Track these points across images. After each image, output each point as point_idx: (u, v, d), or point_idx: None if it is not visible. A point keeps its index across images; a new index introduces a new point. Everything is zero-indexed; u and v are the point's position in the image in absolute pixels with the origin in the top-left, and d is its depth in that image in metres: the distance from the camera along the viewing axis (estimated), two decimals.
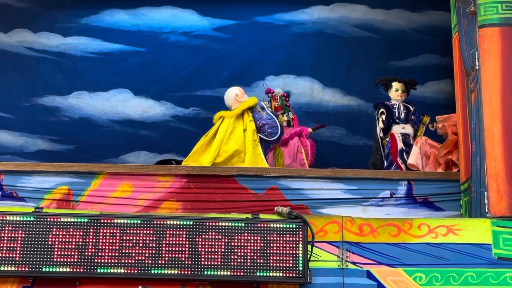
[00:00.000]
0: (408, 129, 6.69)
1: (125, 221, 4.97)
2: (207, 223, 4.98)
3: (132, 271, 4.88)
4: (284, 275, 4.89)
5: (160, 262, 4.90)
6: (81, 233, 4.92)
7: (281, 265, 4.90)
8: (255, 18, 8.22)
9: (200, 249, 4.92)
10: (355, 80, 7.96)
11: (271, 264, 4.90)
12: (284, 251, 4.92)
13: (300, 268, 4.89)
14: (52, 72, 8.19)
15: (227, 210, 5.48)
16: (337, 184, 5.81)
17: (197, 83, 8.10)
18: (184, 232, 4.95)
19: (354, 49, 8.06)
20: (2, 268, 4.84)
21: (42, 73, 8.18)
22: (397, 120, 6.72)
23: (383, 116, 6.70)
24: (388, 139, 6.68)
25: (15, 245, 4.87)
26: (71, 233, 4.92)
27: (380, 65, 7.99)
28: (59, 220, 4.96)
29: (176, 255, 4.91)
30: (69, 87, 8.05)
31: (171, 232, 4.95)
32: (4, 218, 4.94)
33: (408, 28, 8.09)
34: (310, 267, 4.90)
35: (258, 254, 4.92)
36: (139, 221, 4.98)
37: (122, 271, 4.89)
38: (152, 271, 4.90)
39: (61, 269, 4.87)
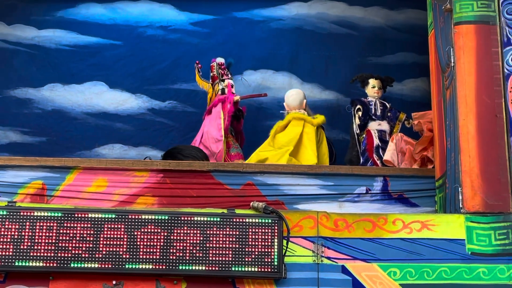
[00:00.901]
0: (384, 125, 6.73)
1: (100, 216, 4.93)
2: (183, 218, 4.96)
3: (106, 266, 4.85)
4: (259, 270, 4.89)
5: (134, 257, 4.87)
6: (54, 228, 4.88)
7: (256, 260, 4.90)
8: (233, 14, 8.20)
9: (175, 244, 4.90)
10: (333, 75, 7.98)
11: (246, 259, 4.90)
12: (260, 246, 4.92)
13: (275, 263, 4.90)
14: (26, 64, 8.10)
15: (203, 206, 5.46)
16: (313, 180, 5.81)
17: (174, 77, 8.07)
18: (159, 227, 4.93)
19: (333, 45, 8.07)
20: None
21: (16, 66, 8.08)
22: (373, 117, 6.75)
23: (360, 113, 6.73)
24: (364, 135, 6.71)
25: None
26: (44, 227, 4.87)
27: (358, 61, 8.02)
28: (32, 214, 4.91)
29: (151, 250, 4.88)
30: (43, 80, 7.96)
31: (146, 227, 4.92)
32: None
33: (386, 26, 8.12)
34: (285, 262, 4.91)
35: (234, 249, 4.91)
36: (113, 216, 4.94)
37: (96, 265, 4.85)
38: (127, 266, 4.87)
39: (34, 264, 4.83)
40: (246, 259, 4.90)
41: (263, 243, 4.93)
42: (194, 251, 4.90)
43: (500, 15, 5.27)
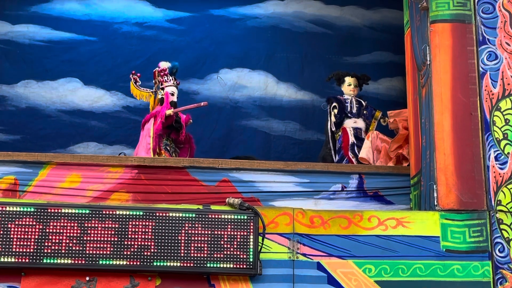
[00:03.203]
0: (360, 123, 6.75)
1: (73, 211, 4.87)
2: (158, 214, 4.92)
3: (79, 262, 4.79)
4: (235, 266, 4.87)
5: (108, 252, 4.81)
6: (27, 223, 4.80)
7: (231, 256, 4.87)
8: (209, 11, 8.18)
9: (150, 240, 4.85)
10: (309, 75, 8.01)
11: (222, 256, 4.87)
12: (235, 243, 4.90)
13: (251, 260, 4.88)
14: None
15: (178, 202, 5.41)
16: (289, 177, 5.81)
17: (149, 74, 7.95)
18: (134, 223, 4.88)
19: (309, 44, 8.09)
20: None
21: None
22: (349, 115, 6.76)
23: (336, 110, 6.74)
24: (340, 133, 6.72)
25: None
26: (16, 222, 4.79)
27: (334, 60, 8.05)
28: (4, 209, 4.82)
29: (125, 246, 4.83)
30: (16, 76, 7.86)
31: (120, 223, 4.87)
32: None
33: (362, 25, 8.17)
34: (261, 258, 4.89)
35: (209, 245, 4.88)
36: (87, 211, 4.88)
37: (69, 261, 4.79)
38: (100, 262, 4.81)
39: (5, 259, 4.75)
40: (221, 256, 4.87)
41: (238, 240, 4.91)
42: (169, 247, 4.86)
43: (475, 14, 5.32)
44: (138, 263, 4.82)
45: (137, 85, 6.85)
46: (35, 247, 4.76)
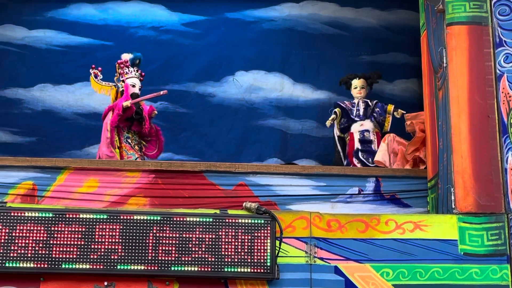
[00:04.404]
0: (367, 124, 6.72)
1: (91, 216, 4.90)
2: (175, 218, 4.94)
3: (98, 267, 4.82)
4: (252, 270, 4.88)
5: (126, 257, 4.84)
6: (45, 228, 4.85)
7: (249, 260, 4.89)
8: (225, 14, 8.18)
9: (167, 245, 4.88)
10: (325, 75, 7.99)
11: (239, 260, 4.88)
12: (252, 247, 4.91)
13: (268, 264, 4.88)
14: (16, 64, 8.04)
15: (195, 206, 5.43)
16: (306, 180, 5.80)
17: (165, 78, 8.03)
18: (151, 228, 4.90)
19: (325, 46, 8.06)
20: None
21: (5, 66, 8.03)
22: (355, 119, 6.75)
23: (334, 116, 6.77)
24: (348, 137, 6.73)
25: None
26: (35, 228, 4.84)
27: (350, 60, 8.03)
28: (23, 214, 4.87)
29: (143, 251, 4.86)
30: (33, 80, 7.89)
31: (138, 228, 4.90)
32: None
33: (378, 26, 8.13)
34: (278, 262, 4.90)
35: (226, 250, 4.89)
36: (105, 216, 4.92)
37: (88, 266, 4.82)
38: (118, 267, 4.84)
39: (25, 265, 4.79)
40: (239, 260, 4.88)
41: (255, 244, 4.92)
42: (187, 252, 4.88)
43: (492, 16, 5.29)
44: (156, 268, 4.85)
45: (98, 80, 6.78)
46: (54, 252, 4.80)
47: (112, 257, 4.83)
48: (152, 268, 4.85)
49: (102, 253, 4.83)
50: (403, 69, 7.97)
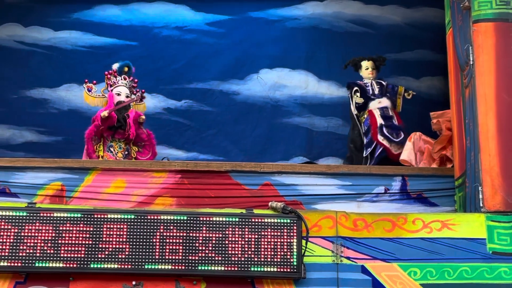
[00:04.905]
0: (385, 102, 6.75)
1: (119, 216, 4.95)
2: (201, 218, 4.97)
3: (126, 267, 4.87)
4: (279, 270, 4.89)
5: (154, 257, 4.88)
6: (74, 228, 4.90)
7: (275, 260, 4.90)
8: (248, 13, 8.20)
9: (194, 244, 4.91)
10: (351, 73, 7.96)
11: (266, 259, 4.89)
12: (279, 246, 4.92)
13: (295, 263, 4.89)
14: (42, 65, 8.15)
15: (221, 206, 5.45)
16: (331, 179, 5.79)
17: (189, 76, 8.08)
18: (178, 227, 4.94)
19: (349, 44, 8.05)
20: None
21: (32, 66, 8.14)
22: (372, 97, 6.76)
23: (358, 94, 6.74)
24: (366, 116, 6.70)
25: (8, 240, 4.84)
26: (64, 228, 4.89)
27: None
28: (52, 215, 4.93)
29: (170, 250, 4.89)
30: (59, 80, 7.99)
31: (165, 227, 4.93)
32: None
33: (403, 23, 8.09)
34: (304, 262, 4.90)
35: (252, 249, 4.91)
36: (132, 216, 4.96)
37: (116, 266, 4.87)
38: (146, 267, 4.88)
39: (54, 265, 4.85)
40: (265, 259, 4.89)
41: (282, 243, 4.92)
42: (213, 252, 4.90)
43: None
44: (183, 267, 4.88)
45: (91, 93, 6.80)
46: (83, 252, 4.86)
47: (140, 256, 4.87)
48: (180, 267, 4.88)
49: (130, 253, 4.87)
50: (429, 67, 7.92)
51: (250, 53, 8.11)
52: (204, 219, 4.97)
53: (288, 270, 4.90)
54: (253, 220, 4.98)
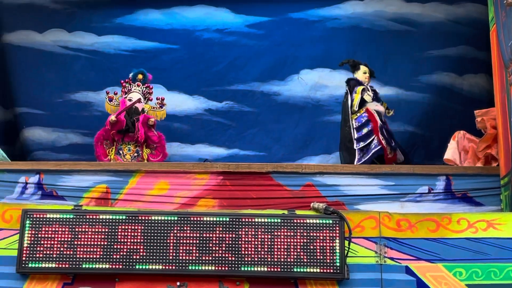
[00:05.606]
0: (380, 107, 6.75)
1: (162, 218, 5.01)
2: (244, 220, 4.99)
3: (170, 268, 4.92)
4: (322, 271, 4.88)
5: (197, 258, 4.93)
6: (119, 230, 4.98)
7: (318, 261, 4.89)
8: (288, 15, 8.21)
9: (236, 245, 4.94)
10: (392, 71, 7.93)
11: (308, 260, 4.89)
12: (321, 247, 4.91)
13: (338, 264, 4.88)
14: (86, 69, 8.31)
15: (263, 207, 5.47)
16: (374, 180, 5.75)
17: (230, 78, 8.15)
18: (221, 229, 4.97)
19: (391, 42, 8.00)
20: (43, 265, 4.92)
21: (76, 71, 8.31)
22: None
23: (369, 92, 6.74)
24: (362, 113, 6.63)
25: (56, 242, 4.95)
26: (109, 230, 4.98)
27: (418, 55, 7.95)
28: (97, 217, 5.02)
29: (213, 252, 4.93)
30: (102, 83, 8.12)
31: (207, 229, 4.97)
32: (44, 216, 5.02)
33: (446, 20, 7.99)
34: (347, 263, 4.88)
35: (295, 250, 4.91)
36: (176, 218, 5.02)
37: (160, 267, 4.93)
38: (190, 268, 4.93)
39: (100, 266, 4.94)
40: (308, 260, 4.89)
41: (324, 244, 4.92)
42: (256, 252, 4.93)
43: None
44: (226, 268, 4.91)
45: (112, 103, 7.04)
46: (128, 253, 4.93)
47: (184, 258, 4.92)
48: (223, 268, 4.92)
49: (174, 254, 4.93)
50: (472, 64, 7.81)
51: (290, 54, 8.12)
52: (246, 220, 4.99)
53: (331, 271, 4.89)
54: (295, 221, 4.98)
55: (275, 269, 4.90)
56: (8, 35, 8.30)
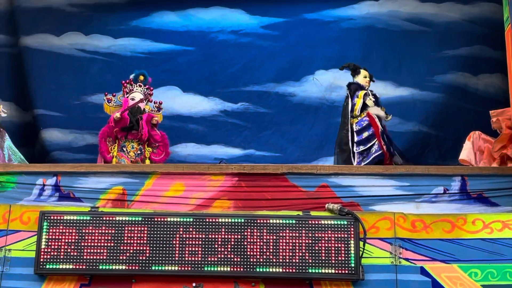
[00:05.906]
0: (381, 112, 6.69)
1: (178, 219, 5.07)
2: (259, 221, 5.03)
3: (186, 269, 4.97)
4: (337, 271, 4.90)
5: (213, 259, 4.97)
6: (135, 232, 5.03)
7: (333, 262, 4.91)
8: (303, 15, 8.23)
9: (252, 246, 4.97)
10: (407, 71, 7.91)
11: (323, 261, 4.91)
12: (336, 248, 4.93)
13: (353, 265, 4.89)
14: (102, 71, 8.39)
15: (278, 208, 5.48)
16: (389, 180, 5.73)
17: (245, 79, 8.18)
18: (236, 230, 5.01)
19: (406, 42, 7.99)
20: (61, 266, 4.98)
21: (93, 73, 8.39)
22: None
23: (371, 97, 6.69)
24: (363, 117, 6.61)
25: (73, 244, 5.01)
26: (126, 231, 5.03)
27: (433, 55, 7.93)
28: (114, 219, 5.08)
29: (229, 253, 4.97)
30: (119, 85, 8.13)
31: (223, 230, 5.01)
32: (62, 218, 5.09)
33: (461, 20, 7.96)
34: (362, 263, 4.90)
35: (310, 251, 4.94)
36: (191, 219, 5.06)
37: (176, 268, 4.98)
38: (205, 269, 4.97)
39: (117, 267, 4.99)
40: (323, 261, 4.91)
41: (339, 245, 4.94)
42: (271, 254, 4.95)
43: None
44: (241, 269, 4.95)
45: (111, 104, 7.10)
46: (144, 254, 4.98)
47: (199, 259, 4.96)
48: (238, 269, 4.95)
49: (190, 255, 4.97)
50: (487, 64, 7.77)
51: (305, 54, 8.13)
52: (261, 221, 5.03)
53: (346, 272, 4.91)
54: (310, 222, 5.01)
55: (290, 270, 4.93)
56: (25, 39, 8.39)
